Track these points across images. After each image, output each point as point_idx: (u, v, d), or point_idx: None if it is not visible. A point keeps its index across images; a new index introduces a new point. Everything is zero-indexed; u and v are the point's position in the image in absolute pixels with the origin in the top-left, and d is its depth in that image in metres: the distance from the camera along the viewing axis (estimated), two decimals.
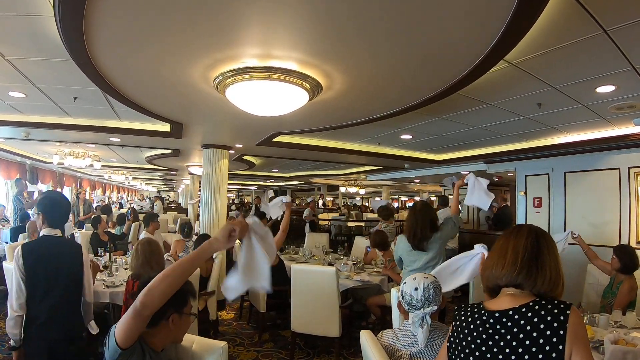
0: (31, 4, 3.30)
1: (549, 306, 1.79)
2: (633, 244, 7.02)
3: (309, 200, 20.78)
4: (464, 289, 5.60)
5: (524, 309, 1.82)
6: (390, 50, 3.82)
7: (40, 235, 3.76)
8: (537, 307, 1.80)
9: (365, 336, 2.97)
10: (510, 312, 1.85)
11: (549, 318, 1.75)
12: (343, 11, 3.09)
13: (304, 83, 4.44)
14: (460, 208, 5.66)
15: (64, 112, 7.21)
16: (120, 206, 21.74)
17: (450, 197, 8.36)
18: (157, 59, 4.22)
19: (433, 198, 26.25)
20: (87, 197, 22.01)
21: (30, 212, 11.31)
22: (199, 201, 10.20)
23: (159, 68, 4.47)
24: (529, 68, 4.42)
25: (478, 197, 5.10)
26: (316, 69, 4.31)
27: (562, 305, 1.77)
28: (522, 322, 1.80)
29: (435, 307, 2.85)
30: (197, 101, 5.73)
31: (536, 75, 4.65)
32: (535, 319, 1.77)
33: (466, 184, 5.28)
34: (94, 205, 14.34)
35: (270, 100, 4.72)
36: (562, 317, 1.73)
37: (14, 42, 4.13)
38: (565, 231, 6.14)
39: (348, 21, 3.26)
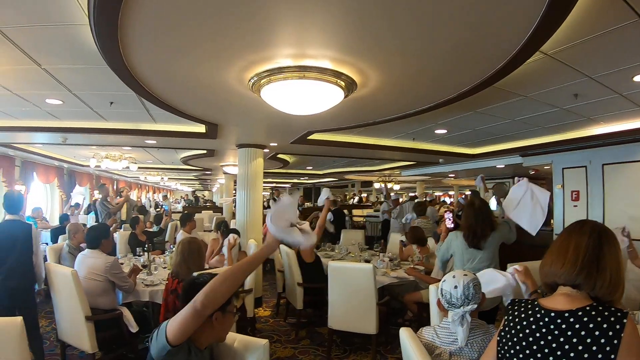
0: (66, 14, 3.38)
1: (606, 313, 1.75)
2: None
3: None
4: None
5: (580, 313, 1.79)
6: (426, 45, 3.80)
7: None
8: (593, 313, 1.77)
9: (405, 333, 2.95)
10: (566, 314, 1.82)
11: (604, 325, 1.71)
12: (377, 7, 3.08)
13: (338, 81, 4.44)
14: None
15: (100, 117, 7.35)
16: (157, 206, 21.97)
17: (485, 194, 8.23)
18: (192, 63, 4.28)
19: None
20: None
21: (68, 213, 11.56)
22: (234, 200, 10.26)
23: (194, 71, 4.53)
24: (564, 58, 4.35)
25: (530, 213, 4.85)
26: (351, 67, 4.30)
27: (619, 314, 1.73)
28: (577, 325, 1.77)
29: (475, 305, 2.83)
30: (232, 102, 5.77)
31: (572, 66, 4.57)
32: (591, 325, 1.73)
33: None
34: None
35: (305, 99, 4.72)
36: (617, 326, 1.69)
37: (50, 52, 4.24)
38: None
39: (382, 17, 3.25)
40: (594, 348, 1.69)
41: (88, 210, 16.01)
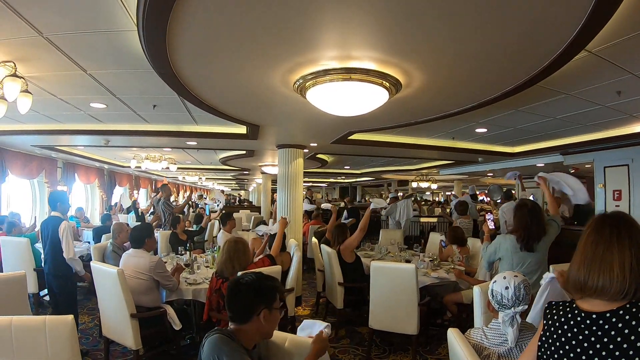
0: (112, 21, 3.49)
1: None
2: None
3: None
4: None
5: (621, 312, 1.77)
6: (471, 46, 3.81)
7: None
8: (634, 310, 1.75)
9: (453, 334, 2.95)
10: (608, 315, 1.79)
11: None
12: (421, 7, 3.09)
13: (383, 82, 4.47)
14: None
15: (142, 120, 7.51)
16: (196, 206, 22.23)
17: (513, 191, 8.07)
18: (237, 66, 4.36)
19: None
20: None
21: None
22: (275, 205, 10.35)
23: (239, 74, 4.61)
24: (608, 56, 4.30)
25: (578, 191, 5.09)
26: (395, 67, 4.33)
27: None
28: (619, 325, 1.75)
29: (526, 306, 2.83)
30: (275, 104, 5.85)
31: (616, 63, 4.52)
32: (634, 322, 1.71)
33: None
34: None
35: (350, 100, 4.76)
36: None
37: (96, 57, 4.39)
38: None
39: (428, 18, 3.27)
40: (639, 344, 1.68)
41: (128, 210, 16.29)
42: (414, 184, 21.31)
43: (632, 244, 1.86)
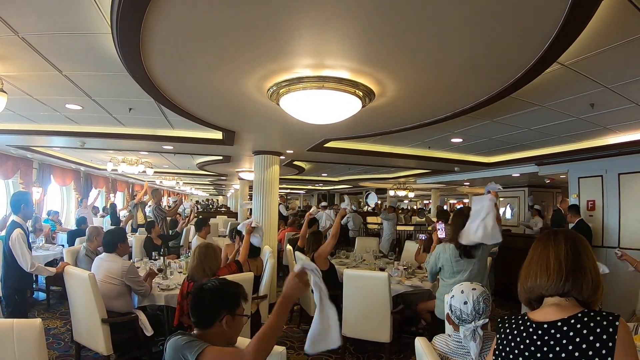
0: (88, 23, 3.46)
1: (598, 318, 1.76)
2: None
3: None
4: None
5: (572, 321, 1.80)
6: (444, 57, 3.85)
7: None
8: (585, 319, 1.78)
9: (420, 343, 2.98)
10: (559, 324, 1.82)
11: (598, 330, 1.72)
12: (395, 20, 3.13)
13: (356, 91, 4.49)
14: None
15: (118, 123, 7.45)
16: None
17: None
18: (212, 72, 4.35)
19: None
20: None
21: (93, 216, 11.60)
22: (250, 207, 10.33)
23: (214, 80, 4.60)
24: (581, 69, 4.36)
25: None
26: (369, 77, 4.35)
27: (610, 317, 1.75)
28: (570, 333, 1.77)
29: (487, 320, 2.85)
30: (250, 111, 5.85)
31: (589, 76, 4.58)
32: (585, 331, 1.75)
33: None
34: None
35: (324, 108, 4.77)
36: (611, 329, 1.71)
37: (72, 59, 4.34)
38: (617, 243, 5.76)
39: (401, 29, 3.29)
40: (590, 353, 1.71)
41: (104, 211, 16.18)
42: (391, 192, 21.40)
43: (567, 241, 1.97)
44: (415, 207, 32.78)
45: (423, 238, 7.84)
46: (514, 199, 15.79)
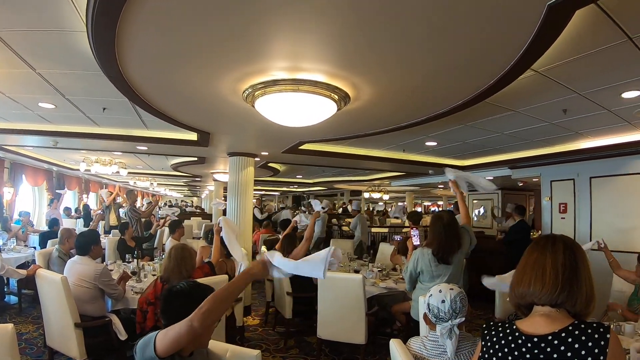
0: (63, 20, 3.40)
1: (589, 330, 1.73)
2: None
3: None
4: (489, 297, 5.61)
5: (563, 334, 1.76)
6: (419, 62, 3.89)
7: None
8: (577, 332, 1.74)
9: (395, 345, 2.99)
10: (550, 337, 1.78)
11: (590, 344, 1.69)
12: (371, 25, 3.15)
13: (332, 94, 4.49)
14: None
15: (92, 122, 7.35)
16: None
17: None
18: (187, 73, 4.32)
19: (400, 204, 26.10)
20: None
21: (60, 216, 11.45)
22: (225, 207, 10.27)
23: (189, 81, 4.57)
24: (554, 76, 4.44)
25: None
26: (344, 81, 4.37)
27: (601, 329, 1.72)
28: (562, 347, 1.74)
29: (463, 319, 2.88)
30: (225, 112, 5.82)
31: (562, 83, 4.67)
32: (576, 345, 1.71)
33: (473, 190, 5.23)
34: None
35: (299, 111, 4.77)
36: (602, 342, 1.68)
37: (46, 56, 4.26)
38: (590, 241, 5.90)
39: (376, 34, 3.31)
40: None
41: (77, 212, 15.99)
42: (366, 195, 21.46)
43: (566, 249, 1.91)
44: (390, 209, 32.88)
45: (398, 239, 7.88)
46: (487, 202, 15.92)
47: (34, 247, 9.99)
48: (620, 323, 4.16)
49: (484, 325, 2.07)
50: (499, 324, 2.01)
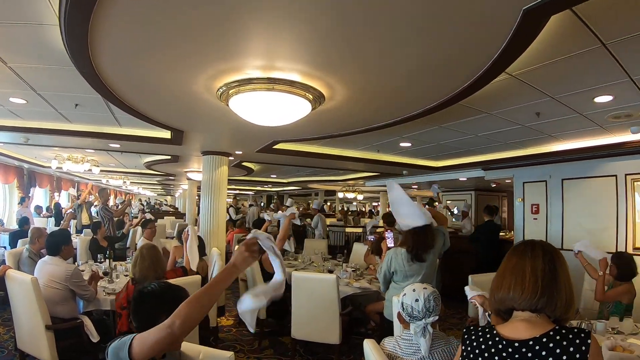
0: (36, 13, 3.33)
1: (570, 336, 1.74)
2: (630, 250, 7.12)
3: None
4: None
5: (544, 339, 1.76)
6: (393, 63, 3.90)
7: None
8: (558, 337, 1.75)
9: (369, 345, 3.00)
10: (531, 343, 1.78)
11: (571, 349, 1.70)
12: (347, 26, 3.15)
13: (307, 94, 4.49)
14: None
15: (64, 119, 7.24)
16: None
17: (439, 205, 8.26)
18: (160, 70, 4.27)
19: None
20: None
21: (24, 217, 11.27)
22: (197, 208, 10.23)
23: (163, 78, 4.53)
24: (528, 79, 4.50)
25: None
26: (319, 81, 4.37)
27: (582, 335, 1.73)
28: (543, 353, 1.74)
29: (437, 317, 2.90)
30: (199, 110, 5.78)
31: (535, 86, 4.73)
32: (558, 350, 1.72)
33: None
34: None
35: (273, 110, 4.76)
36: (583, 348, 1.69)
37: (17, 50, 4.17)
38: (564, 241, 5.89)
39: (352, 36, 3.32)
40: None
41: (49, 211, 15.76)
42: (340, 194, 21.50)
43: (545, 255, 1.92)
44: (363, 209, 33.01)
45: (372, 239, 7.88)
46: (460, 202, 16.04)
47: (4, 247, 9.83)
48: (592, 321, 4.22)
49: (465, 330, 2.07)
50: (479, 328, 2.01)
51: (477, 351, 1.93)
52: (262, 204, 24.99)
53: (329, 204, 27.34)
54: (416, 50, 3.60)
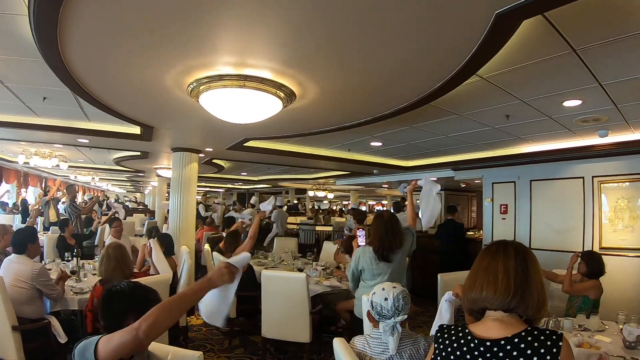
0: (4, 2, 3.25)
1: (542, 337, 1.75)
2: (596, 250, 7.23)
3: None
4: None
5: (516, 339, 1.78)
6: (366, 63, 3.91)
7: None
8: (529, 338, 1.77)
9: (338, 344, 3.00)
10: (502, 342, 1.79)
11: (542, 350, 1.71)
12: (320, 24, 3.15)
13: (278, 92, 4.48)
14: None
15: (32, 112, 7.10)
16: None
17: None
18: (131, 64, 4.22)
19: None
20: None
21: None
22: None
23: (132, 73, 4.47)
24: (499, 82, 4.56)
25: (432, 207, 5.20)
26: (291, 79, 4.36)
27: (554, 337, 1.75)
28: (514, 353, 1.75)
29: (405, 316, 2.92)
30: (169, 106, 5.72)
31: (506, 89, 4.80)
32: (529, 351, 1.73)
33: (419, 189, 5.32)
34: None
35: (244, 107, 4.73)
36: (554, 350, 1.71)
37: None
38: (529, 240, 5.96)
39: (325, 34, 3.32)
40: None
41: (15, 207, 15.49)
42: (311, 193, 21.52)
43: (517, 255, 1.93)
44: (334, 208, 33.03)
45: (342, 238, 7.92)
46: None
47: None
48: (559, 318, 4.29)
49: (438, 328, 2.08)
50: (452, 327, 2.02)
51: (449, 349, 1.94)
52: (228, 204, 24.82)
53: (297, 202, 27.30)
54: (389, 51, 3.62)
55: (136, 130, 7.86)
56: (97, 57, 4.11)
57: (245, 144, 8.86)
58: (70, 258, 7.00)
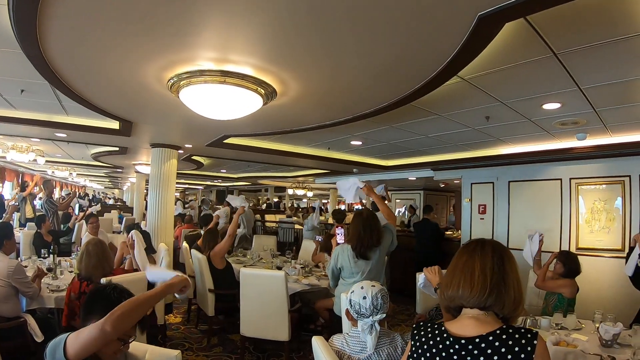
0: None
1: (517, 335, 1.76)
2: (573, 250, 7.33)
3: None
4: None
5: (491, 338, 1.78)
6: (347, 61, 3.92)
7: None
8: (504, 336, 1.77)
9: (317, 342, 3.00)
10: (477, 340, 1.80)
11: (516, 349, 1.72)
12: (303, 22, 3.14)
13: (259, 89, 4.46)
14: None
15: (9, 105, 6.97)
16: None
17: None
18: (110, 58, 4.16)
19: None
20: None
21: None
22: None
23: (112, 66, 4.40)
24: (480, 84, 4.59)
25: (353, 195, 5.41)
26: (272, 76, 4.34)
27: (529, 335, 1.76)
28: (489, 351, 1.76)
29: (384, 315, 2.93)
30: (149, 101, 5.66)
31: (486, 91, 4.83)
32: (503, 349, 1.74)
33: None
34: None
35: (224, 104, 4.70)
36: (529, 348, 1.72)
37: None
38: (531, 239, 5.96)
39: (307, 33, 3.32)
40: None
41: None
42: (290, 191, 21.51)
43: (495, 253, 1.94)
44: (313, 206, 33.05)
45: (319, 239, 7.95)
46: (410, 201, 16.24)
47: None
48: (537, 317, 4.33)
49: (414, 326, 2.09)
50: (429, 325, 2.03)
51: (425, 347, 1.95)
52: (201, 205, 24.73)
53: (277, 199, 27.31)
54: (369, 50, 3.62)
55: (115, 125, 7.77)
56: (76, 49, 4.02)
57: (225, 141, 8.81)
58: (46, 255, 6.93)
